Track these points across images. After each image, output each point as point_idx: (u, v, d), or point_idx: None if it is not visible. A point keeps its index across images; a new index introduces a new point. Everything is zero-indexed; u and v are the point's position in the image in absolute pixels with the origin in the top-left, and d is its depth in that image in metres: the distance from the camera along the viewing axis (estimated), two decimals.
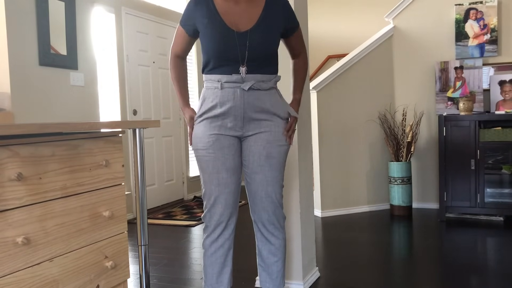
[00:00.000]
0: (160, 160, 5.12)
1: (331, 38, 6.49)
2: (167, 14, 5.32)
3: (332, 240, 3.44)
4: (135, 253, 3.29)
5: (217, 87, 1.79)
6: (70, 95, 3.44)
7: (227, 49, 1.74)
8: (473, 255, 2.96)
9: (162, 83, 5.22)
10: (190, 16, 1.81)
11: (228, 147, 1.83)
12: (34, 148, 1.45)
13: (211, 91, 1.81)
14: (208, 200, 1.87)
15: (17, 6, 3.02)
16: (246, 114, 1.80)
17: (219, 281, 1.92)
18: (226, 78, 1.77)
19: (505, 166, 3.83)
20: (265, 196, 1.88)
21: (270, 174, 1.86)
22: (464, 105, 3.92)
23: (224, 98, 1.78)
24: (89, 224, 1.66)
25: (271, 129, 1.85)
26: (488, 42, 4.20)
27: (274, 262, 1.96)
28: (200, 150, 1.84)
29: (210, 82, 1.82)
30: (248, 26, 1.77)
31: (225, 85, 1.78)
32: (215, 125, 1.82)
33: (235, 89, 1.78)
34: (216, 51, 1.75)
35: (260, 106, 1.81)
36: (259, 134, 1.85)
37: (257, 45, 1.76)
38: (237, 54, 1.75)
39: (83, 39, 3.54)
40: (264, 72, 1.81)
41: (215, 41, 1.75)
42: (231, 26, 1.75)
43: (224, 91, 1.78)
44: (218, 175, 1.83)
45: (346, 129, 4.34)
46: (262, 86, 1.80)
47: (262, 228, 1.94)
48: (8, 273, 1.36)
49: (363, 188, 4.42)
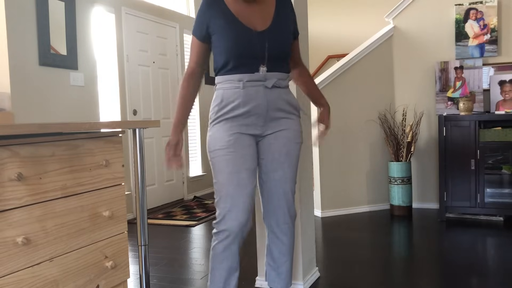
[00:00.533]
0: (160, 160, 5.12)
1: (331, 38, 6.49)
2: (167, 14, 5.32)
3: (332, 240, 3.44)
4: (135, 253, 3.29)
5: (238, 86, 1.76)
6: (70, 95, 3.44)
7: (248, 49, 1.74)
8: (473, 255, 2.96)
9: (162, 83, 5.22)
10: (203, 20, 1.78)
11: (248, 147, 1.81)
12: (34, 148, 1.45)
13: (231, 91, 1.77)
14: (224, 203, 1.78)
15: (17, 6, 3.02)
16: (268, 112, 1.80)
17: (227, 284, 1.88)
18: (248, 77, 1.76)
19: (505, 166, 3.83)
20: (283, 193, 1.88)
21: (289, 171, 1.87)
22: (464, 105, 3.92)
23: (247, 97, 1.76)
24: (89, 224, 1.66)
25: (290, 126, 1.87)
26: (488, 42, 4.20)
27: (284, 262, 1.96)
28: (219, 150, 1.78)
29: (229, 82, 1.78)
30: (264, 26, 1.78)
31: (247, 84, 1.76)
32: (236, 124, 1.79)
33: (258, 87, 1.77)
34: (236, 51, 1.73)
35: (280, 104, 1.82)
36: (279, 132, 1.85)
37: (276, 44, 1.77)
38: (258, 53, 1.75)
39: (83, 39, 3.54)
40: (281, 70, 1.83)
41: (235, 41, 1.73)
42: (248, 26, 1.76)
43: (247, 90, 1.76)
44: (238, 174, 1.77)
45: (346, 129, 4.34)
46: (281, 84, 1.82)
47: (276, 228, 1.93)
48: (8, 273, 1.36)
49: (363, 188, 4.42)
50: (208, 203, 5.13)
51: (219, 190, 1.79)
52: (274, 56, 1.78)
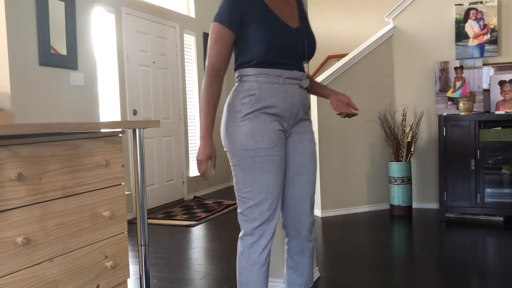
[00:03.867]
0: (160, 160, 5.12)
1: (331, 38, 6.49)
2: (167, 14, 5.32)
3: (332, 240, 3.44)
4: (135, 253, 3.29)
5: (277, 82, 1.64)
6: (70, 95, 3.44)
7: (289, 46, 1.65)
8: (473, 255, 2.96)
9: (162, 83, 5.22)
10: (237, 7, 1.61)
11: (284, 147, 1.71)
12: (34, 148, 1.45)
13: (268, 85, 1.63)
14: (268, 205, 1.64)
15: (17, 6, 3.02)
16: (299, 112, 1.72)
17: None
18: (288, 74, 1.66)
19: (505, 166, 3.83)
20: (307, 198, 1.77)
21: (313, 174, 1.79)
22: (464, 105, 3.92)
23: (286, 95, 1.66)
24: (89, 224, 1.66)
25: (310, 129, 1.81)
26: (488, 42, 4.20)
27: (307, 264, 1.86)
28: (264, 149, 1.61)
29: (265, 76, 1.63)
30: (296, 23, 1.72)
31: (286, 81, 1.66)
32: (276, 122, 1.65)
33: (294, 86, 1.69)
34: (279, 45, 1.61)
35: (307, 105, 1.78)
36: (303, 134, 1.77)
37: (311, 42, 1.74)
38: (298, 51, 1.68)
39: (83, 39, 3.54)
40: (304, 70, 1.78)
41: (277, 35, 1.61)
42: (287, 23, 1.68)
43: (286, 87, 1.66)
44: (282, 176, 1.67)
45: (346, 129, 4.34)
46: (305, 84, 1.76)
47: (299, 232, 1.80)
48: (8, 273, 1.36)
49: (363, 188, 4.42)
50: (208, 203, 5.13)
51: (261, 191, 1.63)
52: (310, 54, 1.74)
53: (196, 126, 5.88)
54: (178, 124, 5.50)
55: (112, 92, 4.53)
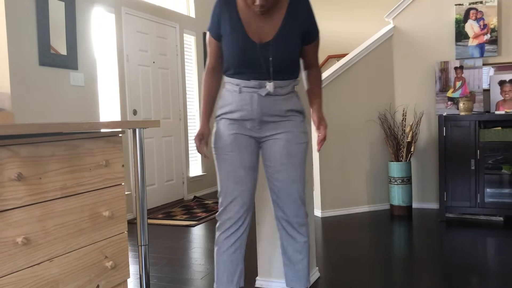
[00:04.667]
0: (160, 160, 5.12)
1: (331, 38, 6.49)
2: (167, 14, 5.32)
3: (332, 240, 3.44)
4: (135, 253, 3.29)
5: (235, 90, 1.84)
6: (70, 95, 3.44)
7: (248, 61, 1.78)
8: (473, 255, 2.96)
9: (162, 83, 5.22)
10: (217, 20, 1.82)
11: (246, 147, 1.88)
12: (34, 148, 1.45)
13: (230, 93, 1.87)
14: (224, 197, 1.90)
15: (17, 6, 3.02)
16: (262, 118, 1.85)
17: (230, 280, 1.94)
18: (245, 84, 1.82)
19: (505, 166, 3.83)
20: (289, 194, 1.91)
21: (293, 172, 1.89)
22: (464, 105, 3.92)
23: (242, 102, 1.83)
24: (89, 224, 1.66)
25: (290, 128, 1.88)
26: (488, 42, 4.20)
27: (300, 260, 1.98)
28: (219, 148, 1.89)
29: (229, 84, 1.88)
30: (269, 36, 1.78)
31: (243, 89, 1.83)
32: (235, 125, 1.87)
33: (252, 94, 1.82)
34: (236, 62, 1.80)
35: (275, 111, 1.85)
36: (279, 134, 1.89)
37: (280, 56, 1.78)
38: (260, 65, 1.78)
39: (83, 39, 3.54)
40: (284, 78, 1.84)
41: (235, 52, 1.78)
42: (253, 38, 1.77)
43: (242, 95, 1.83)
44: (235, 173, 1.87)
45: (346, 129, 4.34)
46: (279, 92, 1.84)
47: (287, 226, 1.96)
48: (8, 273, 1.36)
49: (363, 188, 4.42)
50: (208, 203, 5.13)
51: (221, 185, 1.92)
52: (278, 67, 1.79)
53: (196, 126, 5.88)
54: (178, 124, 5.50)
55: (112, 92, 4.53)
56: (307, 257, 1.99)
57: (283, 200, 1.92)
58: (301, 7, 1.80)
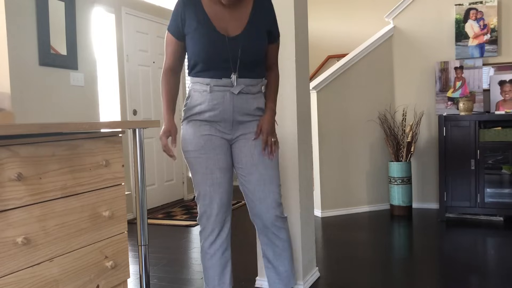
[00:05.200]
0: (160, 160, 5.12)
1: (331, 38, 6.49)
2: (167, 14, 5.32)
3: (332, 240, 3.43)
4: (135, 253, 3.29)
5: (206, 90, 1.78)
6: (70, 95, 3.44)
7: (218, 55, 1.74)
8: (473, 255, 2.96)
9: None
10: (179, 19, 1.78)
11: (220, 147, 1.85)
12: (34, 148, 1.45)
13: (199, 93, 1.80)
14: (203, 201, 1.87)
15: (17, 6, 3.02)
16: (235, 117, 1.82)
17: (221, 282, 1.93)
18: (216, 82, 1.77)
19: (505, 166, 3.83)
20: (263, 196, 1.85)
21: (265, 173, 1.85)
22: (464, 105, 3.92)
23: (214, 102, 1.78)
24: (89, 224, 1.66)
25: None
26: (488, 42, 4.20)
27: (281, 262, 1.93)
28: (192, 151, 1.84)
29: (198, 84, 1.81)
30: (238, 30, 1.77)
31: (214, 88, 1.78)
32: (206, 126, 1.83)
33: (224, 92, 1.78)
34: (205, 56, 1.75)
35: (247, 109, 1.83)
36: (249, 134, 1.86)
37: (249, 50, 1.77)
38: (228, 59, 1.75)
39: (83, 39, 3.54)
40: (253, 76, 1.82)
41: (205, 47, 1.74)
42: (221, 31, 1.75)
43: (214, 95, 1.78)
44: (212, 175, 1.84)
45: (346, 129, 4.34)
46: (251, 90, 1.82)
47: (264, 230, 1.91)
48: (8, 273, 1.36)
49: (363, 188, 4.42)
50: None
51: (197, 188, 1.88)
52: (247, 62, 1.78)
53: None
54: (178, 124, 5.50)
55: (112, 92, 4.53)
56: (288, 258, 1.94)
57: (257, 204, 1.87)
58: (266, 5, 1.84)
